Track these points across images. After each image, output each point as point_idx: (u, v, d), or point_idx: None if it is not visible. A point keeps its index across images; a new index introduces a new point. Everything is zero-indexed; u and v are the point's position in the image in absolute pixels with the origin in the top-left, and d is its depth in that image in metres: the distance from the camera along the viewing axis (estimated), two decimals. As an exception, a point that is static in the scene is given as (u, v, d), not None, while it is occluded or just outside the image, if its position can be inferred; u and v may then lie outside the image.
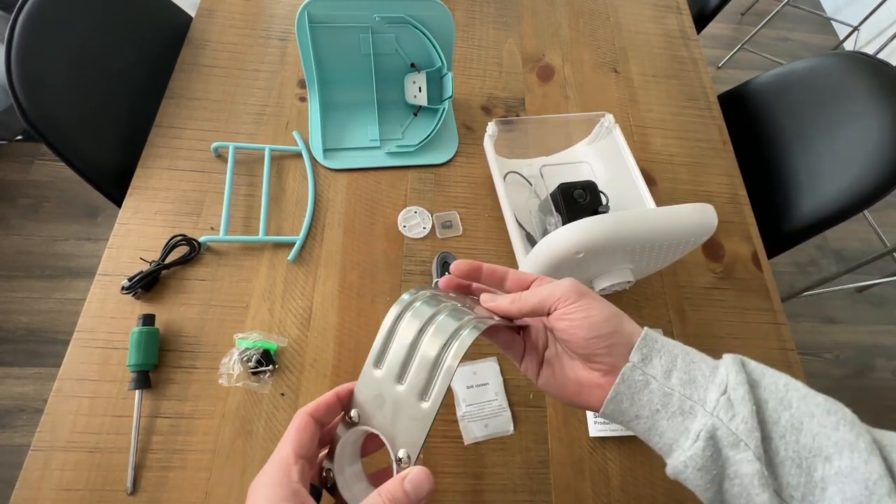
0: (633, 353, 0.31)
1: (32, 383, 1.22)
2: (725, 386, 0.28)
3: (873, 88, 0.75)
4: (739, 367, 0.29)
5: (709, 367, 0.30)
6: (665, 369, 0.30)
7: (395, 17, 0.69)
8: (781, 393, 0.28)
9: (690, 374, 0.30)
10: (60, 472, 0.51)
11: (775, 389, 0.29)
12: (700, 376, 0.30)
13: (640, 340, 0.31)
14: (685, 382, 0.30)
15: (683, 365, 0.30)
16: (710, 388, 0.29)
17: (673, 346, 0.31)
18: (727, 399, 0.28)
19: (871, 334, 1.55)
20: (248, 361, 0.56)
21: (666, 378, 0.30)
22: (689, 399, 0.29)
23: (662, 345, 0.31)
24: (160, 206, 0.66)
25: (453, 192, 0.72)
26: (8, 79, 0.62)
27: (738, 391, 0.28)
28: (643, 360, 0.31)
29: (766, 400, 0.28)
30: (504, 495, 0.54)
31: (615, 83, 0.87)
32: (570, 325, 0.32)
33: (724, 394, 0.28)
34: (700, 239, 0.53)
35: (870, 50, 2.05)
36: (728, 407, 0.28)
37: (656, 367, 0.30)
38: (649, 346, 0.31)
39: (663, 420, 0.30)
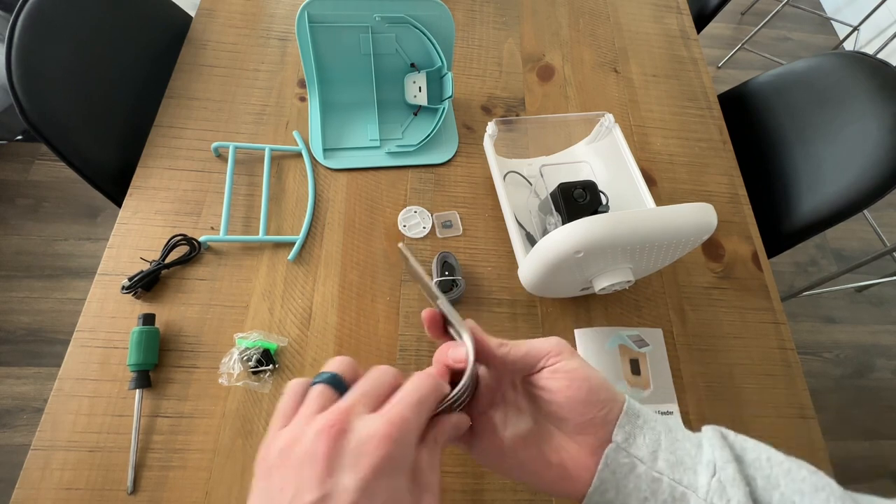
0: (616, 432, 0.28)
1: (32, 383, 1.23)
2: (714, 466, 0.27)
3: (873, 88, 0.75)
4: (722, 441, 0.28)
5: (693, 445, 0.28)
6: (651, 450, 0.28)
7: (395, 17, 0.69)
8: (766, 470, 0.27)
9: (677, 455, 0.28)
10: (61, 472, 0.51)
11: (760, 466, 0.27)
12: (686, 456, 0.28)
13: (622, 416, 0.29)
14: (673, 465, 0.27)
15: (668, 443, 0.28)
16: (698, 471, 0.27)
17: (655, 420, 0.29)
18: (718, 482, 0.26)
19: (871, 334, 1.55)
20: (249, 361, 0.56)
21: (653, 460, 0.28)
22: (680, 484, 0.27)
23: (645, 420, 0.29)
24: (160, 206, 0.66)
25: (453, 191, 0.72)
26: (8, 78, 0.62)
27: (727, 471, 0.26)
28: (627, 439, 0.28)
29: (753, 477, 0.27)
30: (504, 495, 0.54)
31: (615, 83, 0.87)
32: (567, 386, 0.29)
33: (715, 475, 0.27)
34: (700, 239, 0.53)
35: (870, 50, 2.05)
36: (721, 492, 0.26)
37: (641, 448, 0.28)
38: (632, 423, 0.29)
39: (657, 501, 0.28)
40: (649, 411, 0.30)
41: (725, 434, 0.29)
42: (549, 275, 0.53)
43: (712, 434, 0.29)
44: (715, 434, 0.29)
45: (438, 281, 0.63)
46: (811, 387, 0.62)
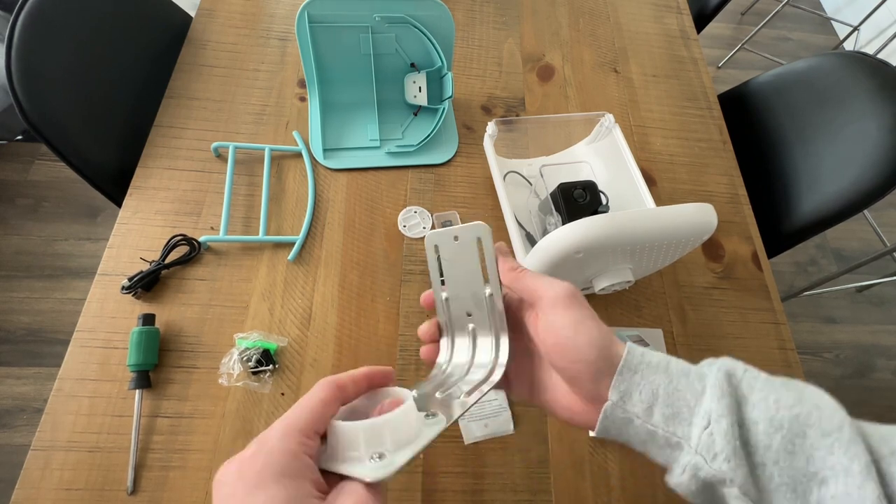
0: (612, 391, 0.29)
1: (32, 383, 1.22)
2: (708, 418, 0.27)
3: (873, 88, 0.75)
4: (724, 387, 0.28)
5: (694, 395, 0.28)
6: (646, 405, 0.29)
7: (395, 17, 0.69)
8: (772, 411, 0.27)
9: (674, 407, 0.28)
10: (60, 472, 0.51)
11: (765, 408, 0.27)
12: (684, 407, 0.28)
13: (616, 375, 0.29)
14: (668, 418, 0.28)
15: (665, 396, 0.29)
16: (693, 423, 0.28)
17: (655, 372, 0.29)
18: (709, 435, 0.27)
19: (871, 334, 1.55)
20: (248, 361, 0.56)
21: (647, 415, 0.29)
22: (675, 435, 0.28)
23: (643, 374, 0.29)
24: (160, 206, 0.66)
25: (453, 191, 0.72)
26: (8, 78, 0.62)
27: (720, 424, 0.26)
28: (622, 397, 0.29)
29: (755, 421, 0.27)
30: (504, 495, 0.54)
31: (615, 83, 0.87)
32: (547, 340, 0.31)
33: (707, 427, 0.27)
34: (700, 239, 0.53)
35: (870, 50, 2.05)
36: (710, 445, 0.27)
37: (636, 405, 0.29)
38: (627, 381, 0.29)
39: (653, 449, 0.30)
40: (653, 359, 0.30)
41: (733, 372, 0.29)
42: (549, 275, 0.53)
43: (716, 378, 0.28)
44: (719, 377, 0.28)
45: None
46: (811, 387, 0.62)
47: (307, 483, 0.24)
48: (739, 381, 0.29)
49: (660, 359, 0.30)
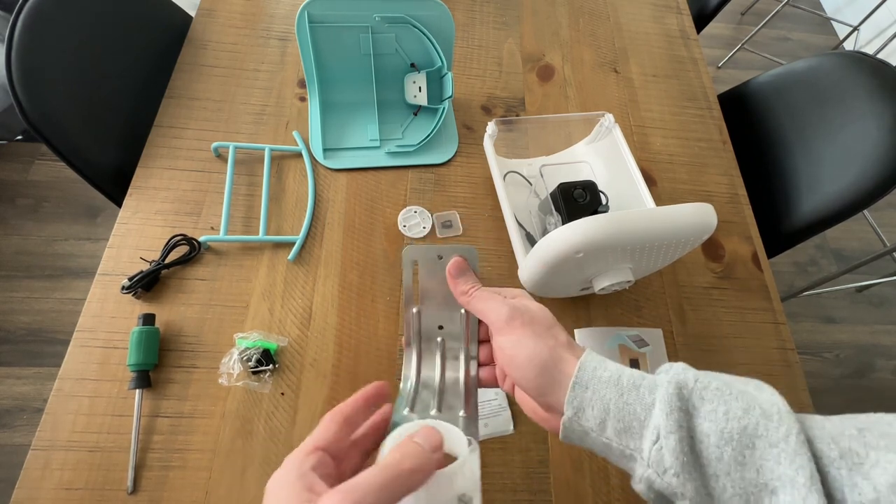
0: (566, 406, 0.31)
1: (32, 383, 1.22)
2: (658, 434, 0.28)
3: (873, 88, 0.75)
4: (673, 401, 0.28)
5: (644, 409, 0.29)
6: (599, 420, 0.30)
7: (395, 17, 0.69)
8: (721, 424, 0.27)
9: (625, 422, 0.29)
10: (61, 472, 0.51)
11: (715, 419, 0.27)
12: (635, 422, 0.29)
13: (569, 391, 0.30)
14: (620, 432, 0.29)
15: (616, 411, 0.29)
16: (644, 436, 0.28)
17: (606, 386, 0.30)
18: (659, 450, 0.27)
19: (871, 334, 1.55)
20: (248, 361, 0.56)
21: (601, 429, 0.30)
22: (628, 448, 0.29)
23: (594, 390, 0.30)
24: (160, 206, 0.66)
25: (453, 191, 0.72)
26: (8, 78, 0.62)
27: (668, 440, 0.27)
28: (576, 413, 0.30)
29: (707, 433, 0.27)
30: (504, 495, 0.54)
31: (615, 83, 0.87)
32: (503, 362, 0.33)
33: (657, 442, 0.28)
34: (700, 239, 0.53)
35: (870, 50, 2.05)
36: (660, 460, 0.27)
37: (590, 419, 0.30)
38: (580, 397, 0.30)
39: (612, 458, 0.31)
40: (604, 374, 0.31)
41: (684, 383, 0.29)
42: (549, 275, 0.53)
43: (666, 392, 0.28)
44: (669, 391, 0.28)
45: None
46: (811, 387, 0.62)
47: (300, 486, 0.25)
48: (690, 392, 0.29)
49: (611, 373, 0.31)
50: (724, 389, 0.28)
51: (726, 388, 0.28)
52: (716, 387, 0.29)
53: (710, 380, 0.29)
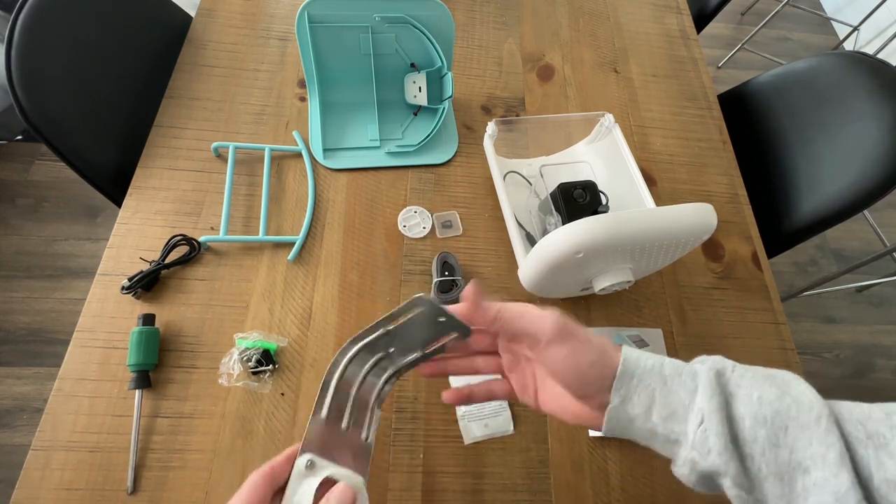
0: (613, 395, 0.32)
1: (32, 383, 1.22)
2: (702, 417, 0.29)
3: (873, 88, 0.75)
4: (714, 386, 0.30)
5: (688, 394, 0.31)
6: (645, 407, 0.31)
7: (395, 17, 0.69)
8: (755, 407, 0.29)
9: (670, 408, 0.31)
10: (61, 472, 0.51)
11: (750, 404, 0.29)
12: (679, 407, 0.30)
13: (616, 381, 0.32)
14: (666, 418, 0.31)
15: (662, 398, 0.31)
16: (689, 420, 0.30)
17: (651, 375, 0.32)
18: (703, 432, 0.29)
19: (871, 334, 1.55)
20: (248, 361, 0.56)
21: (647, 416, 0.31)
22: (673, 432, 0.31)
23: (640, 378, 0.32)
24: (160, 206, 0.66)
25: (453, 191, 0.72)
26: (8, 79, 0.62)
27: (712, 421, 0.29)
28: (623, 401, 0.32)
29: (742, 417, 0.29)
30: (504, 495, 0.54)
31: (615, 83, 0.87)
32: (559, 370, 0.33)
33: (701, 424, 0.29)
34: (700, 239, 0.53)
35: (870, 50, 2.05)
36: (704, 441, 0.29)
37: (636, 406, 0.31)
38: (626, 386, 0.32)
39: (656, 444, 0.32)
40: (647, 363, 0.32)
41: (722, 371, 0.31)
42: (549, 275, 0.53)
43: (706, 379, 0.30)
44: (709, 376, 0.30)
45: (438, 281, 0.63)
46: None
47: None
48: (728, 379, 0.31)
49: (654, 362, 0.32)
50: (759, 376, 0.30)
51: (760, 375, 0.31)
52: (751, 374, 0.31)
53: (746, 369, 0.31)
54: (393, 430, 0.56)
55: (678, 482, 0.32)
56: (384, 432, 0.56)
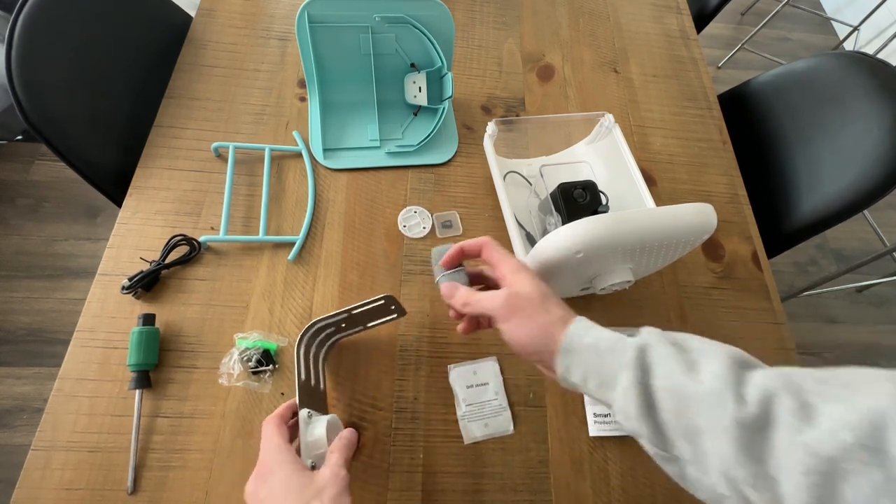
0: (557, 366, 0.38)
1: (32, 383, 1.22)
2: (623, 388, 0.35)
3: (873, 88, 0.75)
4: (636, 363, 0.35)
5: (619, 367, 0.36)
6: (582, 377, 0.37)
7: (395, 17, 0.69)
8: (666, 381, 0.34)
9: (602, 378, 0.37)
10: (61, 472, 0.51)
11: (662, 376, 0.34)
12: (610, 377, 0.36)
13: (558, 355, 0.38)
14: (599, 386, 0.37)
15: (595, 371, 0.37)
16: (616, 388, 0.36)
17: (587, 351, 0.37)
18: (623, 400, 0.35)
19: (871, 334, 1.55)
20: (248, 361, 0.56)
21: (584, 384, 0.38)
22: (605, 397, 0.37)
23: (577, 353, 0.38)
24: (160, 206, 0.66)
25: (453, 191, 0.72)
26: (8, 79, 0.62)
27: (630, 393, 0.35)
28: (565, 371, 0.38)
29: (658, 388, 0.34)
30: (504, 495, 0.54)
31: (615, 83, 0.87)
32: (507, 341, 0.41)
33: (624, 394, 0.35)
34: (700, 239, 0.53)
35: (870, 50, 2.05)
36: (625, 408, 0.35)
37: (576, 376, 0.38)
38: (566, 361, 0.38)
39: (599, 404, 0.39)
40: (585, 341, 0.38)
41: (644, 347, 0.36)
42: (549, 275, 0.53)
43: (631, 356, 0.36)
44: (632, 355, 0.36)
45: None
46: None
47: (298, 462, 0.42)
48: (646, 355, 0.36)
49: (592, 339, 0.38)
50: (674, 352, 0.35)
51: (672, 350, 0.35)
52: (667, 352, 0.35)
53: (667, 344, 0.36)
54: (393, 430, 0.56)
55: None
56: (384, 432, 0.56)
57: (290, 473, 0.40)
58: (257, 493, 0.40)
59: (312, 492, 0.39)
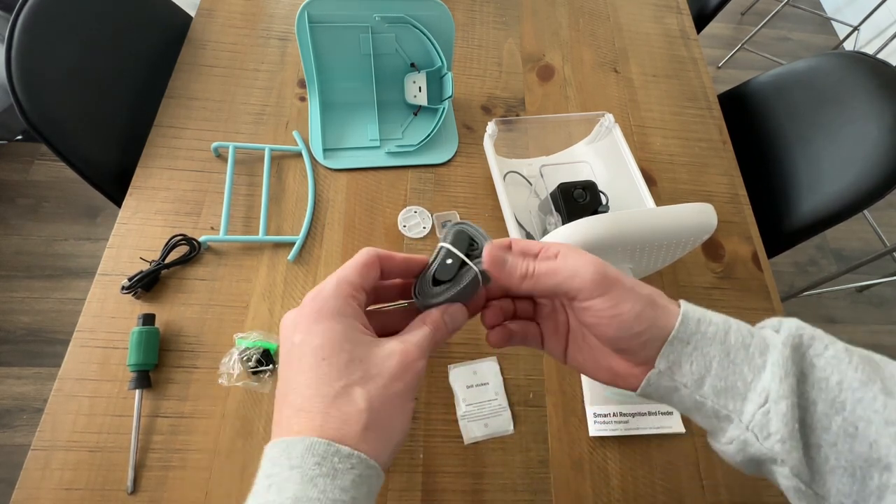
0: (659, 360, 0.28)
1: (32, 383, 1.22)
2: (766, 397, 0.26)
3: (873, 88, 0.75)
4: (789, 366, 0.26)
5: (752, 370, 0.27)
6: (697, 376, 0.28)
7: (395, 17, 0.69)
8: (833, 393, 0.25)
9: (728, 381, 0.27)
10: (61, 472, 0.51)
11: (826, 388, 0.25)
12: (739, 381, 0.27)
13: (666, 344, 0.28)
14: (720, 391, 0.27)
15: (720, 370, 0.27)
16: (748, 398, 0.26)
17: (710, 344, 0.28)
18: (765, 414, 0.26)
19: (871, 334, 1.55)
20: (248, 361, 0.56)
21: (697, 386, 0.28)
22: (725, 408, 0.27)
23: (696, 345, 0.28)
24: (160, 206, 0.66)
25: (453, 191, 0.72)
26: (8, 79, 0.62)
27: (779, 406, 0.25)
28: (670, 366, 0.28)
29: (814, 401, 0.25)
30: (504, 495, 0.54)
31: (615, 83, 0.87)
32: (597, 322, 0.29)
33: (764, 406, 0.26)
34: (700, 239, 0.53)
35: (870, 50, 2.05)
36: (764, 424, 0.26)
37: (686, 374, 0.28)
38: (677, 351, 0.28)
39: (698, 416, 0.29)
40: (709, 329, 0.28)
41: (799, 347, 0.27)
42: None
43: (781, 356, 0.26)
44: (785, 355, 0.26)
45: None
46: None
47: (357, 322, 0.28)
48: (804, 353, 0.27)
49: (717, 328, 0.28)
50: (842, 356, 0.26)
51: (845, 355, 0.26)
52: (832, 353, 0.27)
53: (827, 344, 0.27)
54: (393, 430, 0.56)
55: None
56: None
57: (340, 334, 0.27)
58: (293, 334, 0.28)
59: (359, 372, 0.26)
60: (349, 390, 0.26)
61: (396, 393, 0.27)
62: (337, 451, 0.24)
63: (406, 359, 0.28)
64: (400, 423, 0.27)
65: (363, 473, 0.24)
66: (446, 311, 0.31)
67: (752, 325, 0.30)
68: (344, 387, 0.26)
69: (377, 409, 0.26)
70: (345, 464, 0.24)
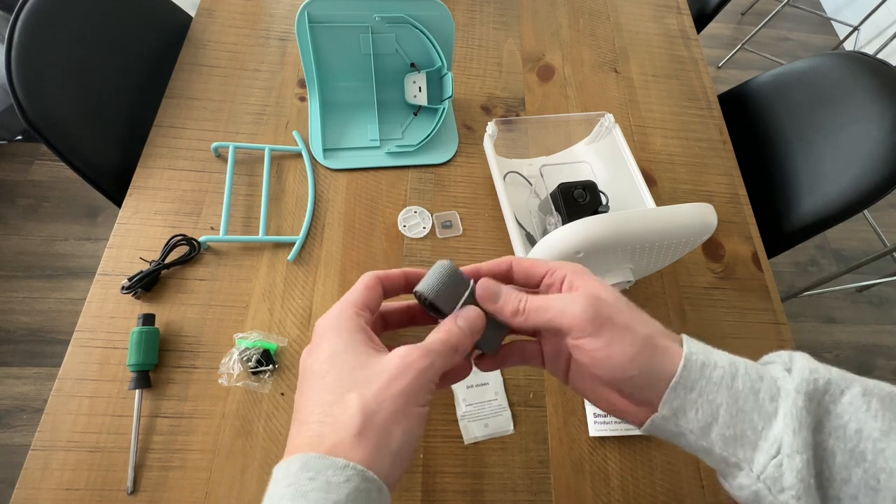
0: (663, 406, 0.27)
1: (32, 383, 1.22)
2: (779, 448, 0.24)
3: (873, 88, 0.75)
4: (804, 417, 0.24)
5: (762, 418, 0.25)
6: (703, 423, 0.26)
7: (395, 17, 0.68)
8: (853, 442, 0.24)
9: (736, 429, 0.25)
10: (61, 472, 0.51)
11: (845, 436, 0.24)
12: (749, 430, 0.25)
13: (669, 391, 0.26)
14: (728, 439, 0.26)
15: (728, 417, 0.26)
16: (759, 447, 0.25)
17: (717, 390, 0.26)
18: (778, 467, 0.24)
19: (871, 334, 1.55)
20: (248, 361, 0.56)
21: (703, 433, 0.26)
22: (734, 456, 0.26)
23: (701, 392, 0.26)
24: (160, 206, 0.66)
25: (453, 191, 0.72)
26: (8, 79, 0.62)
27: (794, 460, 0.23)
28: (675, 413, 0.27)
29: (833, 452, 0.24)
30: (504, 495, 0.54)
31: (615, 83, 0.87)
32: (590, 362, 0.28)
33: (777, 457, 0.24)
34: (700, 239, 0.53)
35: (870, 50, 2.05)
36: (777, 478, 0.24)
37: (691, 421, 0.26)
38: (681, 398, 0.26)
39: (706, 459, 0.28)
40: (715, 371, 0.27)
41: (814, 390, 0.25)
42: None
43: (795, 405, 0.25)
44: (799, 404, 0.25)
45: None
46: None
47: (362, 336, 0.29)
48: (818, 404, 0.25)
49: (723, 372, 0.27)
50: (859, 403, 0.25)
51: (863, 402, 0.25)
52: (848, 399, 0.25)
53: (844, 388, 0.25)
54: (393, 430, 0.56)
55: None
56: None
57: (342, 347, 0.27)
58: (305, 359, 0.29)
59: (357, 378, 0.26)
60: (344, 396, 0.25)
61: (394, 394, 0.25)
62: (332, 464, 0.23)
63: (406, 358, 0.27)
64: (401, 429, 0.25)
65: (360, 487, 0.23)
66: (459, 314, 0.30)
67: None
68: (341, 394, 0.26)
69: (371, 412, 0.25)
70: (339, 476, 0.23)
